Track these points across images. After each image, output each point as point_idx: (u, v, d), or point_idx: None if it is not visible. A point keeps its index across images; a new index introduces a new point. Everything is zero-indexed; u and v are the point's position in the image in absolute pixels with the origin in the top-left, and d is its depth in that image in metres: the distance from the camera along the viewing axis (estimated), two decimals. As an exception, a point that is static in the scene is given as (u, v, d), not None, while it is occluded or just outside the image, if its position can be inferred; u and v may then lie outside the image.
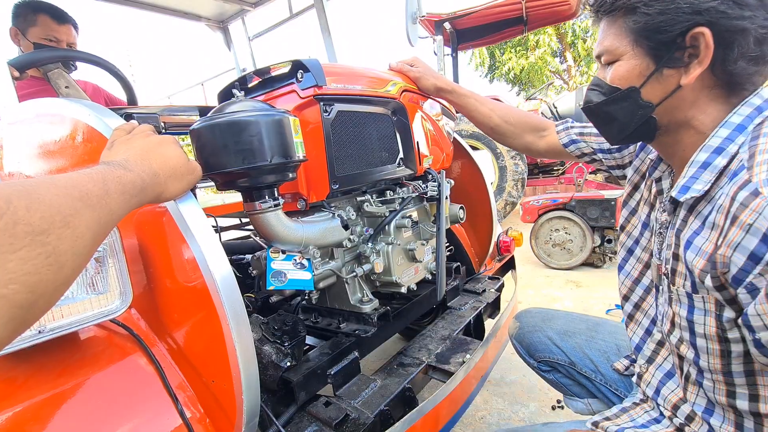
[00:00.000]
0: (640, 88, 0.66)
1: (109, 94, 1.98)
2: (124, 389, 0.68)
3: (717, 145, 0.61)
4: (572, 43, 13.54)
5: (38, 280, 0.33)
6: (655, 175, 0.80)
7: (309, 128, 0.96)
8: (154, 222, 0.74)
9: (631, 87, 0.67)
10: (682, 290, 0.66)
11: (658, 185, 0.80)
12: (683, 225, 0.65)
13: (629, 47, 0.65)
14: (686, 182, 0.63)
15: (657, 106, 0.67)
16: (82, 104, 0.80)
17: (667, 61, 0.63)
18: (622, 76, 0.68)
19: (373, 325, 1.09)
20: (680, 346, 0.69)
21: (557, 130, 1.12)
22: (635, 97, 0.67)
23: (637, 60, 0.65)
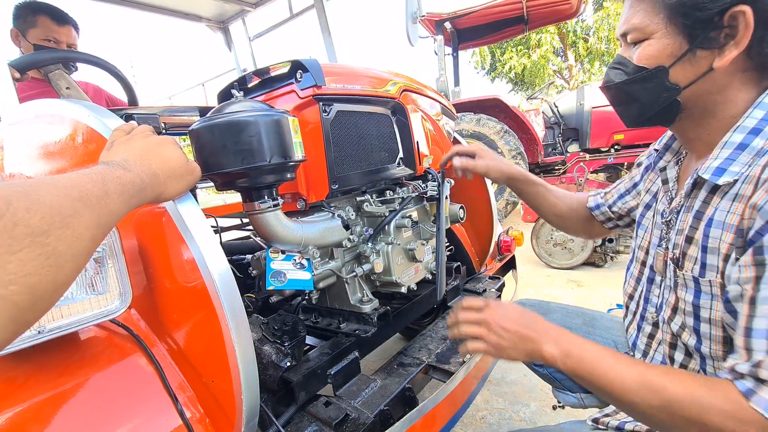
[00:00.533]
0: (669, 69, 0.63)
1: (110, 95, 1.98)
2: (123, 389, 0.68)
3: (753, 125, 0.59)
4: (573, 42, 13.51)
5: (38, 280, 0.33)
6: (660, 165, 0.79)
7: (308, 128, 0.96)
8: (153, 222, 0.74)
9: (660, 67, 0.64)
10: (689, 274, 0.65)
11: (663, 174, 0.79)
12: (704, 206, 0.63)
13: (662, 25, 0.62)
14: (722, 164, 0.60)
15: (684, 89, 0.63)
16: (81, 105, 0.80)
17: (701, 42, 0.60)
18: (651, 56, 0.64)
19: (373, 325, 1.09)
20: (682, 333, 0.68)
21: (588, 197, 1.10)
22: (662, 78, 0.64)
23: (670, 39, 0.62)
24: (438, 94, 1.47)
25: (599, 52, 13.06)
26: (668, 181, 0.77)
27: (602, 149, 5.46)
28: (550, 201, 1.13)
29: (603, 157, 5.43)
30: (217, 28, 2.55)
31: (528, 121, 5.48)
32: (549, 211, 1.14)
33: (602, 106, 5.36)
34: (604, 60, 13.26)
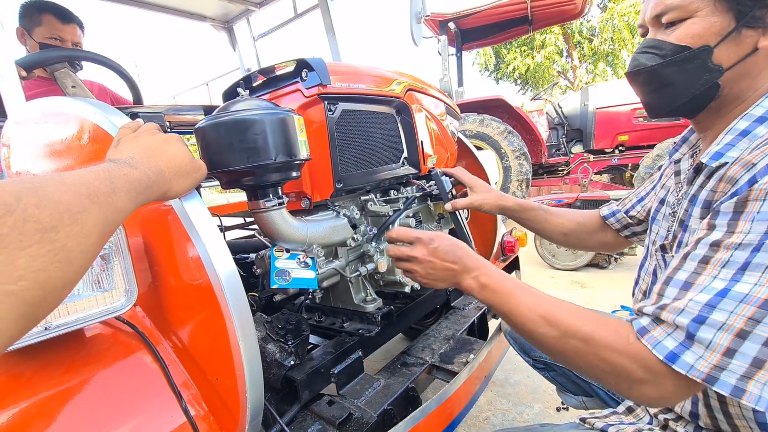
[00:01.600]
0: (713, 48, 0.60)
1: (115, 93, 1.99)
2: (128, 386, 0.68)
3: (761, 114, 0.59)
4: (578, 42, 13.47)
5: (47, 276, 0.33)
6: (675, 157, 0.79)
7: (313, 127, 0.96)
8: (159, 220, 0.74)
9: (705, 46, 0.60)
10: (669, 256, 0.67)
11: (676, 166, 0.78)
12: (699, 190, 0.64)
13: (709, 1, 0.59)
14: (720, 149, 0.60)
15: (727, 70, 0.61)
16: (88, 103, 0.81)
17: (749, 20, 0.57)
18: (696, 34, 0.60)
19: (376, 325, 1.09)
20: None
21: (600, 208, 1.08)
22: (705, 59, 0.61)
23: (717, 16, 0.59)
24: (442, 94, 1.47)
25: (604, 53, 13.02)
26: (681, 172, 0.77)
27: (606, 150, 5.45)
28: (552, 222, 1.12)
29: (607, 158, 5.41)
30: (222, 28, 2.56)
31: (532, 121, 5.47)
32: (554, 231, 1.13)
33: (607, 107, 5.34)
34: (609, 60, 13.22)
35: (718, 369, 0.48)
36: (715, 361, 0.48)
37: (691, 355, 0.50)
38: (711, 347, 0.48)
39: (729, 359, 0.48)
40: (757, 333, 0.46)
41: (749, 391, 0.47)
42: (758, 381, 0.47)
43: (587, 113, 5.48)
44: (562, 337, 0.59)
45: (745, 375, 0.47)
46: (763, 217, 0.49)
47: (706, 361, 0.49)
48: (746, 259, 0.49)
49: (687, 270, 0.54)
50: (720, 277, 0.50)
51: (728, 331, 0.48)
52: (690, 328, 0.50)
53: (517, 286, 0.67)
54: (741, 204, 0.52)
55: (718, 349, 0.48)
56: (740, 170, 0.54)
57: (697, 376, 0.49)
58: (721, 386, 0.48)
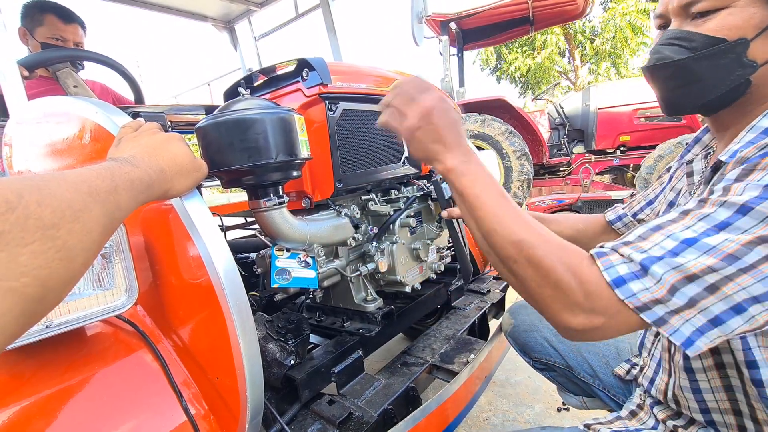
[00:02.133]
0: (750, 42, 0.57)
1: (117, 93, 2.00)
2: (129, 385, 0.69)
3: None
4: (580, 43, 13.47)
5: (49, 273, 0.33)
6: (687, 158, 0.77)
7: (314, 127, 0.96)
8: (160, 219, 0.74)
9: (741, 39, 0.57)
10: None
11: (689, 167, 0.76)
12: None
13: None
14: (740, 146, 0.58)
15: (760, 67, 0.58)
16: (89, 102, 0.81)
17: None
18: (734, 26, 0.57)
19: (377, 324, 1.09)
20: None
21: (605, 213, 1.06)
22: (740, 53, 0.57)
23: (756, 7, 0.56)
24: (443, 94, 1.47)
25: (606, 53, 13.01)
26: (693, 173, 0.75)
27: (608, 150, 5.44)
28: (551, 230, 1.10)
29: (609, 158, 5.40)
30: (223, 28, 2.56)
31: (533, 122, 5.47)
32: None
33: (608, 107, 5.33)
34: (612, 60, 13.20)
35: (656, 302, 0.48)
36: (658, 296, 0.48)
37: (639, 284, 0.49)
38: (660, 282, 0.48)
39: (670, 296, 0.47)
40: (705, 279, 0.46)
41: (671, 323, 0.48)
42: (682, 317, 0.47)
43: (589, 113, 5.47)
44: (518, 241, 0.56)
45: (674, 310, 0.47)
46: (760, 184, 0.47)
47: (650, 294, 0.48)
48: (726, 218, 0.48)
49: (665, 218, 0.53)
50: (693, 228, 0.49)
51: (681, 272, 0.47)
52: (645, 262, 0.49)
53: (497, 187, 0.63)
54: (745, 172, 0.50)
55: (665, 286, 0.48)
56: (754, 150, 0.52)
57: (633, 303, 0.49)
58: (648, 315, 0.48)
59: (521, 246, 0.55)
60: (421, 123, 0.65)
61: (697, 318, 0.47)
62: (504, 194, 0.62)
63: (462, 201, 0.63)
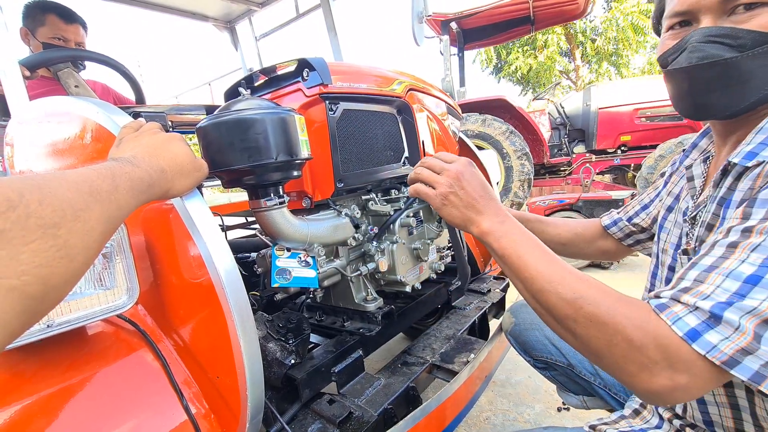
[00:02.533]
0: None
1: (118, 93, 2.00)
2: (130, 384, 0.69)
3: None
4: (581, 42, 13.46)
5: (50, 272, 0.33)
6: (686, 163, 0.77)
7: (314, 127, 0.97)
8: (160, 219, 0.75)
9: None
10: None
11: (689, 172, 0.75)
12: (728, 192, 0.60)
13: None
14: (753, 148, 0.55)
15: None
16: (90, 102, 0.81)
17: None
18: None
19: (377, 324, 1.09)
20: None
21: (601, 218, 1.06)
22: None
23: None
24: (444, 94, 1.47)
25: (608, 53, 13.00)
26: (694, 178, 0.74)
27: (609, 150, 5.43)
28: (549, 233, 1.09)
29: (609, 158, 5.40)
30: (224, 28, 2.56)
31: (534, 121, 5.47)
32: (551, 242, 1.10)
33: (609, 107, 5.33)
34: (613, 60, 13.19)
35: (744, 353, 0.44)
36: (743, 344, 0.44)
37: (716, 335, 0.45)
38: (740, 330, 0.44)
39: (757, 344, 0.43)
40: None
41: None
42: None
43: (589, 113, 5.47)
44: (575, 298, 0.53)
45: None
46: None
47: (732, 343, 0.44)
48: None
49: (714, 255, 0.50)
50: (749, 261, 0.46)
51: (757, 316, 0.43)
52: (715, 309, 0.45)
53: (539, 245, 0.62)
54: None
55: (747, 332, 0.43)
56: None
57: (718, 357, 0.44)
58: (741, 371, 0.44)
59: (579, 304, 0.52)
60: (452, 189, 0.67)
61: None
62: (547, 251, 0.61)
63: (504, 263, 0.63)
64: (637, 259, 3.69)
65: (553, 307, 0.55)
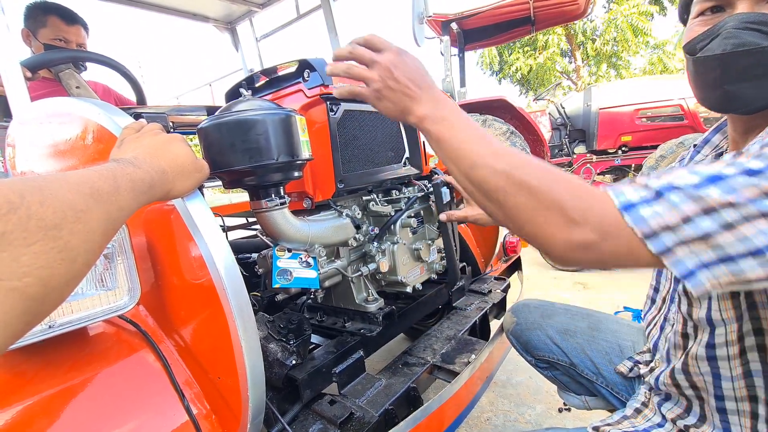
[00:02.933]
0: None
1: (119, 94, 2.00)
2: (131, 385, 0.69)
3: None
4: (582, 43, 13.46)
5: (51, 273, 0.33)
6: (697, 159, 0.77)
7: (315, 127, 0.97)
8: (162, 220, 0.75)
9: None
10: None
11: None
12: None
13: None
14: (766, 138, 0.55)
15: None
16: (92, 103, 0.81)
17: None
18: None
19: (378, 325, 1.09)
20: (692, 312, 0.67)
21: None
22: None
23: None
24: (444, 95, 1.47)
25: (607, 54, 13.00)
26: None
27: (609, 151, 5.43)
28: None
29: (610, 158, 5.39)
30: (225, 29, 2.57)
31: (534, 122, 5.46)
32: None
33: (610, 108, 5.33)
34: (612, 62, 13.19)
35: (665, 229, 0.44)
36: (670, 222, 0.44)
37: (650, 210, 0.45)
38: (675, 209, 0.44)
39: (683, 224, 0.44)
40: (724, 216, 0.43)
41: (676, 253, 0.44)
42: (690, 249, 0.44)
43: (590, 114, 5.46)
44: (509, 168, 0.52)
45: (684, 241, 0.44)
46: None
47: (661, 219, 0.44)
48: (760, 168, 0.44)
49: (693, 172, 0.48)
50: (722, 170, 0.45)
51: (699, 204, 0.44)
52: (661, 189, 0.46)
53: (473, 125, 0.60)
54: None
55: (679, 213, 0.44)
56: None
57: (640, 229, 0.45)
58: (654, 244, 0.45)
59: (509, 174, 0.52)
60: (384, 83, 0.63)
61: (707, 254, 0.44)
62: (482, 131, 0.59)
63: (439, 147, 0.61)
64: (638, 260, 3.68)
65: (485, 181, 0.54)
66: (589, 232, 0.47)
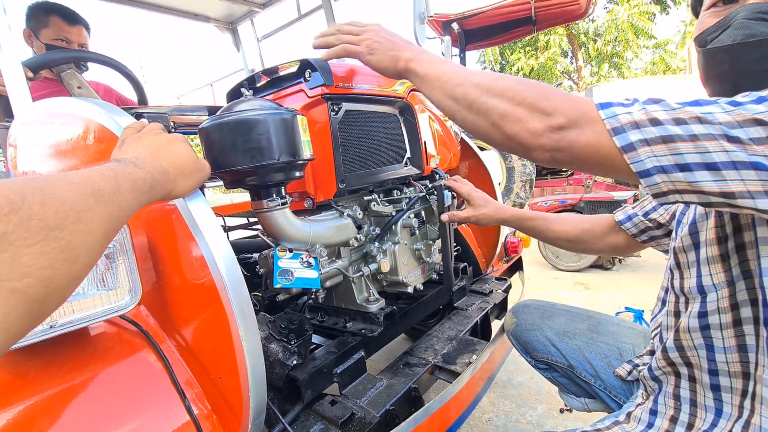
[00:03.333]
0: None
1: (120, 94, 2.00)
2: (132, 385, 0.69)
3: None
4: (583, 43, 13.45)
5: (52, 274, 0.33)
6: None
7: (317, 127, 0.97)
8: (163, 219, 0.75)
9: None
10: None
11: None
12: None
13: None
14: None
15: None
16: (93, 103, 0.81)
17: None
18: None
19: (379, 325, 1.09)
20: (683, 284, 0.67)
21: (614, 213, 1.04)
22: None
23: None
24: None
25: (608, 54, 12.99)
26: None
27: (611, 151, 5.42)
28: (554, 230, 1.08)
29: (611, 158, 5.38)
30: (226, 29, 2.57)
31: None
32: (557, 239, 1.10)
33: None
34: (613, 62, 13.17)
35: (633, 125, 0.47)
36: (637, 118, 0.47)
37: (624, 110, 0.49)
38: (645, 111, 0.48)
39: (649, 124, 0.47)
40: (691, 127, 0.45)
41: (638, 151, 0.47)
42: (652, 150, 0.47)
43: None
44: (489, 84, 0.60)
45: (647, 141, 0.47)
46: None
47: (630, 117, 0.48)
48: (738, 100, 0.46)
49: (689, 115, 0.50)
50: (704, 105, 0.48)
51: (671, 114, 0.47)
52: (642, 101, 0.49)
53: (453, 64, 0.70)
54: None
55: (649, 116, 0.47)
56: None
57: (611, 122, 0.48)
58: (620, 139, 0.48)
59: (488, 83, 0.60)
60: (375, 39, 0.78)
61: (666, 157, 0.47)
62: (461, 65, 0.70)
63: (427, 81, 0.71)
64: (639, 260, 3.68)
65: (467, 94, 0.62)
66: (559, 117, 0.52)
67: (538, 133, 0.54)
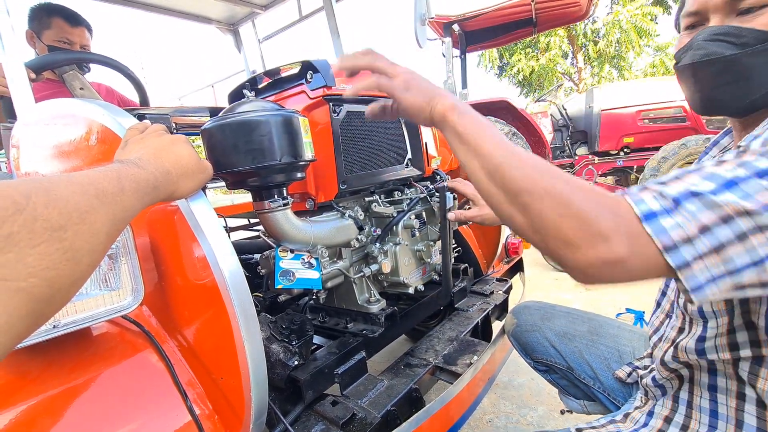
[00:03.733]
0: None
1: (122, 95, 2.01)
2: (134, 385, 0.69)
3: None
4: (583, 44, 13.45)
5: (56, 274, 0.34)
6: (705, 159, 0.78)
7: (318, 128, 0.97)
8: (165, 220, 0.75)
9: None
10: None
11: None
12: None
13: None
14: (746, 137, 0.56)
15: None
16: (96, 104, 0.82)
17: None
18: None
19: (380, 326, 1.09)
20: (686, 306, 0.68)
21: None
22: None
23: None
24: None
25: (610, 55, 12.99)
26: None
27: (611, 152, 5.42)
28: None
29: (612, 159, 5.38)
30: (227, 30, 2.57)
31: (536, 123, 5.46)
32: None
33: (612, 109, 5.32)
34: (615, 63, 13.17)
35: (686, 242, 0.44)
36: (690, 233, 0.44)
37: (670, 220, 0.45)
38: (693, 219, 0.44)
39: (700, 235, 0.44)
40: (739, 224, 0.43)
41: (693, 269, 0.45)
42: (705, 265, 0.44)
43: (592, 115, 5.45)
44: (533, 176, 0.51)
45: (701, 255, 0.44)
46: None
47: (681, 231, 0.44)
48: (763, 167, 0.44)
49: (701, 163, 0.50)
50: (734, 173, 0.45)
51: (716, 211, 0.44)
52: (678, 197, 0.45)
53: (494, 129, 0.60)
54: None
55: (698, 223, 0.44)
56: None
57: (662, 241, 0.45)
58: (674, 257, 0.45)
59: (536, 178, 0.50)
60: (411, 76, 0.66)
61: (718, 267, 0.44)
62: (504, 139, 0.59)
63: (465, 141, 0.59)
64: (640, 261, 3.66)
65: (512, 180, 0.52)
66: (619, 246, 0.46)
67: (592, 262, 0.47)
